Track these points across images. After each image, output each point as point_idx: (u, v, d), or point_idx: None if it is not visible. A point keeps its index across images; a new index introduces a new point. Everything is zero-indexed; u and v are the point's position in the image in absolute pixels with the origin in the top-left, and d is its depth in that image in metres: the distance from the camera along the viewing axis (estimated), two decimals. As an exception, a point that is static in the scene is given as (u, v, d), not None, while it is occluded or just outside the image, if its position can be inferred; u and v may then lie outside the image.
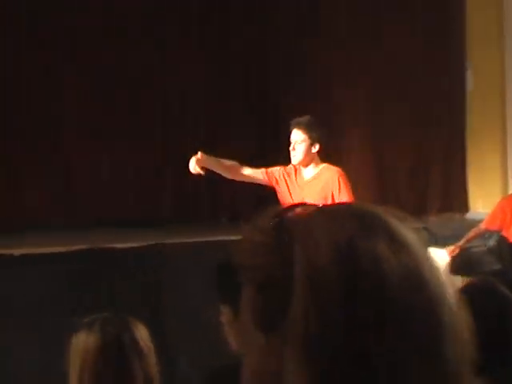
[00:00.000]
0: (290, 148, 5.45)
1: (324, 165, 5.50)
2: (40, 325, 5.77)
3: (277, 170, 5.64)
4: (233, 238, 6.75)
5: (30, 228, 7.67)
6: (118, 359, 2.45)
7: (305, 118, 5.50)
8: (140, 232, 7.32)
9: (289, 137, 5.48)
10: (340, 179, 5.39)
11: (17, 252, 6.12)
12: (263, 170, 5.66)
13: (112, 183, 8.37)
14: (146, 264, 6.38)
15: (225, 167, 5.63)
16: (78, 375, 2.45)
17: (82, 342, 2.44)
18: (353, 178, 8.83)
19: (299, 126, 5.43)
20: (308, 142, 5.39)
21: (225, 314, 2.87)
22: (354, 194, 5.43)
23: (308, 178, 5.50)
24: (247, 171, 5.65)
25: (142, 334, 2.50)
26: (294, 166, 5.57)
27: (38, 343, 5.72)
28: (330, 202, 5.26)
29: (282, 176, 5.59)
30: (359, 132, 9.12)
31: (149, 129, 8.71)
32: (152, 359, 2.48)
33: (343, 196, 5.33)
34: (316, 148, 5.43)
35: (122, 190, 8.40)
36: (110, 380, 2.45)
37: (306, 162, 5.46)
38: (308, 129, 5.41)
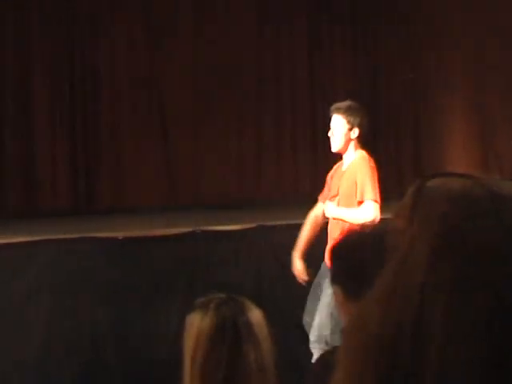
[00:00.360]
0: (329, 134, 5.29)
1: (361, 152, 5.26)
2: (148, 307, 5.83)
3: (326, 185, 5.48)
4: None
5: (134, 211, 7.77)
6: (232, 342, 2.39)
7: (344, 103, 5.32)
8: (241, 214, 7.32)
9: (329, 124, 5.32)
10: (363, 164, 5.17)
11: (121, 235, 6.19)
12: (319, 198, 5.53)
13: (215, 166, 8.36)
14: (247, 246, 6.38)
15: (315, 230, 5.49)
16: (190, 356, 2.41)
17: (197, 323, 2.41)
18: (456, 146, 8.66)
19: (338, 110, 5.25)
20: (347, 126, 5.20)
21: (337, 294, 2.80)
22: (378, 184, 5.17)
23: (344, 168, 5.31)
24: (321, 213, 5.46)
25: (258, 319, 2.43)
26: (339, 161, 5.42)
27: (151, 325, 5.78)
28: (356, 189, 5.12)
29: (327, 183, 5.46)
30: (462, 103, 8.92)
31: (251, 113, 8.71)
32: (266, 346, 2.41)
33: (363, 182, 5.10)
34: (356, 133, 5.20)
35: (224, 173, 8.41)
36: (222, 363, 2.40)
37: (344, 148, 5.25)
38: (347, 113, 5.21)
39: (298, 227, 6.53)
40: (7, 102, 8.10)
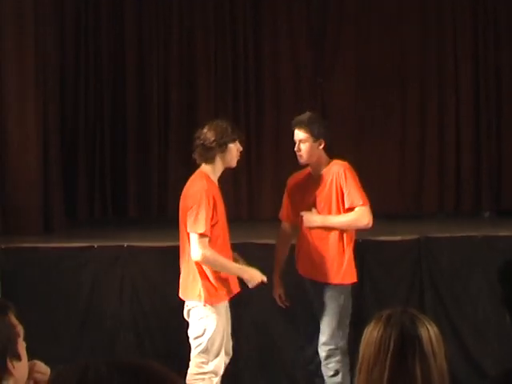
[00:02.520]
0: (295, 149, 5.27)
1: (332, 161, 5.29)
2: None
3: (284, 205, 5.50)
4: (499, 234, 6.53)
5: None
6: (395, 354, 2.37)
7: (305, 116, 5.32)
8: (403, 225, 7.24)
9: (292, 138, 5.30)
10: (346, 172, 5.18)
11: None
12: (281, 217, 5.56)
13: (378, 178, 8.19)
14: (408, 258, 6.31)
15: (287, 249, 5.53)
16: (359, 365, 2.43)
17: (367, 333, 2.42)
18: None
19: (300, 124, 5.26)
20: (311, 139, 5.21)
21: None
22: (362, 186, 5.21)
23: (317, 178, 5.29)
24: (287, 229, 5.53)
25: (430, 335, 2.39)
26: (305, 171, 5.41)
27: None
28: (338, 196, 5.15)
29: (288, 198, 5.46)
30: None
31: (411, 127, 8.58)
32: (437, 363, 2.36)
33: (351, 188, 5.14)
34: (322, 145, 5.24)
35: (388, 185, 8.29)
36: (385, 374, 2.38)
37: (313, 161, 5.27)
38: (310, 126, 5.22)
39: (459, 240, 6.45)
40: (172, 105, 8.34)
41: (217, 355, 5.09)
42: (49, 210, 7.25)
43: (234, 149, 5.15)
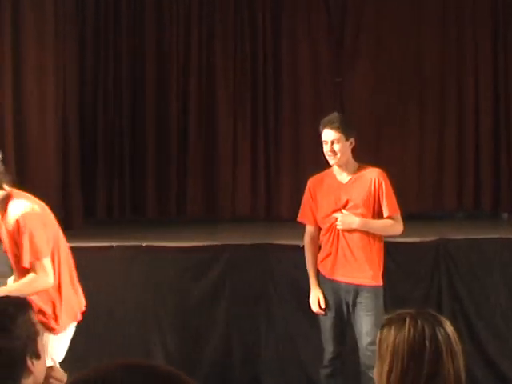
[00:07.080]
0: (327, 149, 5.18)
1: (362, 165, 5.29)
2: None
3: (308, 208, 5.38)
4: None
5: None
6: (432, 355, 2.38)
7: (334, 116, 5.27)
8: (421, 227, 7.21)
9: (319, 139, 5.24)
10: (386, 181, 5.21)
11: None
12: (304, 221, 5.46)
13: (396, 178, 8.12)
14: (426, 259, 6.30)
15: (317, 253, 5.40)
16: (387, 369, 2.43)
17: (392, 337, 2.43)
18: None
19: (332, 124, 5.19)
20: (344, 138, 5.17)
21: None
22: (396, 195, 5.25)
23: (347, 180, 5.26)
24: (314, 233, 5.42)
25: (453, 331, 2.41)
26: (327, 172, 5.34)
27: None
28: (375, 203, 5.18)
29: (312, 200, 5.35)
30: None
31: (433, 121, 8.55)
32: (462, 360, 2.37)
33: (390, 198, 5.20)
34: (353, 144, 5.23)
35: (406, 185, 8.25)
36: (422, 376, 2.38)
37: (345, 161, 5.22)
38: (342, 125, 5.18)
39: (477, 242, 6.42)
40: (191, 107, 8.37)
41: None
42: (68, 210, 7.27)
43: None
